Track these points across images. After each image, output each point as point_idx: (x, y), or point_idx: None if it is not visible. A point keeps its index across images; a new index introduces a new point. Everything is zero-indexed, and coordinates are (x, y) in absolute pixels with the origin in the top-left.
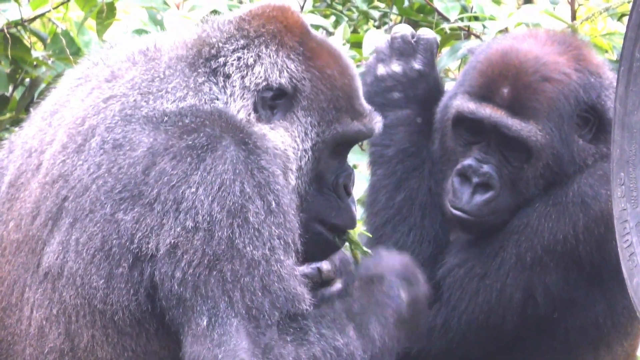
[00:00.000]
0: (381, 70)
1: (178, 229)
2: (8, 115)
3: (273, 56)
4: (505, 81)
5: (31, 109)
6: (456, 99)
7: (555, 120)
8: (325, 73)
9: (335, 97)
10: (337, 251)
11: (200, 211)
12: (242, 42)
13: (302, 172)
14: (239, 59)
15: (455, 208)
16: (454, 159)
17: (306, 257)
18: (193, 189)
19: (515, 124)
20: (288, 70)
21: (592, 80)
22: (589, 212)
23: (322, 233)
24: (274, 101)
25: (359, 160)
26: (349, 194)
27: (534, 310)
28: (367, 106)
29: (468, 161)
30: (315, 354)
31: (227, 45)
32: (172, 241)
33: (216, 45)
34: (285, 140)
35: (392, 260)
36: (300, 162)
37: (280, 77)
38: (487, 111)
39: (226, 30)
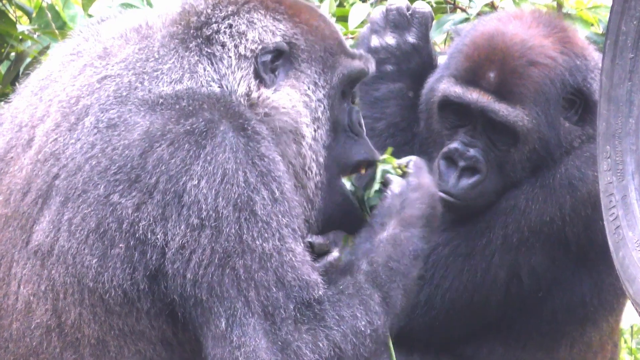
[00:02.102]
0: (375, 41)
1: (182, 226)
2: None
3: (262, 20)
4: (492, 65)
5: (17, 84)
6: (442, 82)
7: (541, 105)
8: (312, 25)
9: (329, 44)
10: (359, 217)
11: (204, 206)
12: (230, 8)
13: (320, 122)
14: (230, 26)
15: (441, 191)
16: (440, 141)
17: (329, 222)
18: (195, 182)
19: (502, 109)
20: (279, 29)
21: (577, 62)
22: (576, 194)
23: (344, 191)
24: (273, 63)
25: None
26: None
27: (518, 289)
28: (356, 50)
29: (454, 144)
30: (335, 341)
31: (216, 12)
32: (180, 241)
33: (204, 12)
34: (293, 97)
35: (420, 199)
36: (317, 112)
37: (273, 37)
38: (474, 96)
39: None
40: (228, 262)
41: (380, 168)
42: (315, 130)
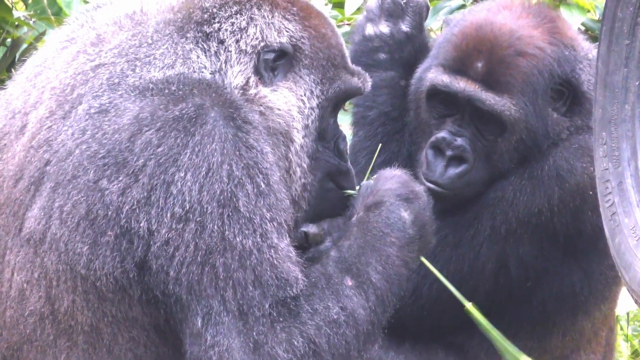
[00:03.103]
0: (369, 30)
1: (168, 217)
2: None
3: (268, 17)
4: (480, 55)
5: (13, 70)
6: (430, 72)
7: (529, 95)
8: (320, 32)
9: (333, 54)
10: (344, 208)
11: (188, 198)
12: (235, 8)
13: (309, 130)
14: (232, 24)
15: (429, 181)
16: (428, 130)
17: (316, 215)
18: (182, 173)
19: (489, 98)
20: (287, 30)
21: (566, 53)
22: (564, 186)
23: (334, 189)
24: (275, 62)
25: (341, 121)
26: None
27: (506, 280)
28: (354, 65)
29: (442, 134)
30: (309, 336)
31: (221, 12)
32: (166, 234)
33: (210, 10)
34: (290, 100)
35: (387, 183)
36: (307, 120)
37: (279, 37)
38: (461, 85)
39: None
40: (209, 259)
41: None
42: (303, 138)
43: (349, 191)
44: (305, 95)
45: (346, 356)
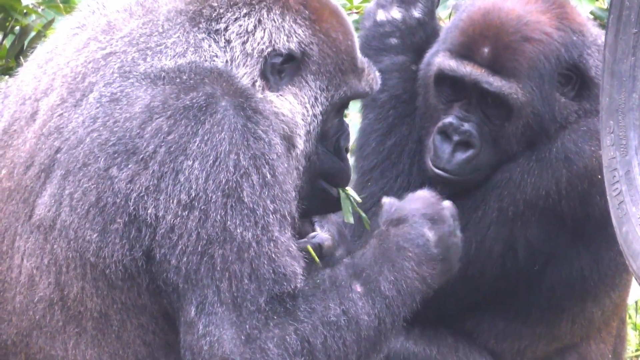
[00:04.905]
0: (381, 15)
1: (174, 202)
2: None
3: (278, 20)
4: (486, 41)
5: (21, 57)
6: (438, 57)
7: (535, 80)
8: (330, 36)
9: (341, 60)
10: (337, 207)
11: (194, 186)
12: (244, 10)
13: (310, 135)
14: (240, 26)
15: (436, 167)
16: (436, 115)
17: (307, 210)
18: (190, 161)
19: (496, 81)
20: (296, 35)
21: (574, 38)
22: (572, 168)
23: (326, 189)
24: (282, 65)
25: (348, 109)
26: (347, 152)
27: (513, 262)
28: (364, 60)
29: (449, 119)
30: (304, 334)
31: (228, 14)
32: (171, 221)
33: (218, 10)
34: (294, 107)
35: (414, 203)
36: (310, 126)
37: (288, 42)
38: (467, 69)
39: None
40: (208, 249)
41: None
42: (304, 143)
43: (341, 191)
44: (309, 102)
45: (343, 359)
